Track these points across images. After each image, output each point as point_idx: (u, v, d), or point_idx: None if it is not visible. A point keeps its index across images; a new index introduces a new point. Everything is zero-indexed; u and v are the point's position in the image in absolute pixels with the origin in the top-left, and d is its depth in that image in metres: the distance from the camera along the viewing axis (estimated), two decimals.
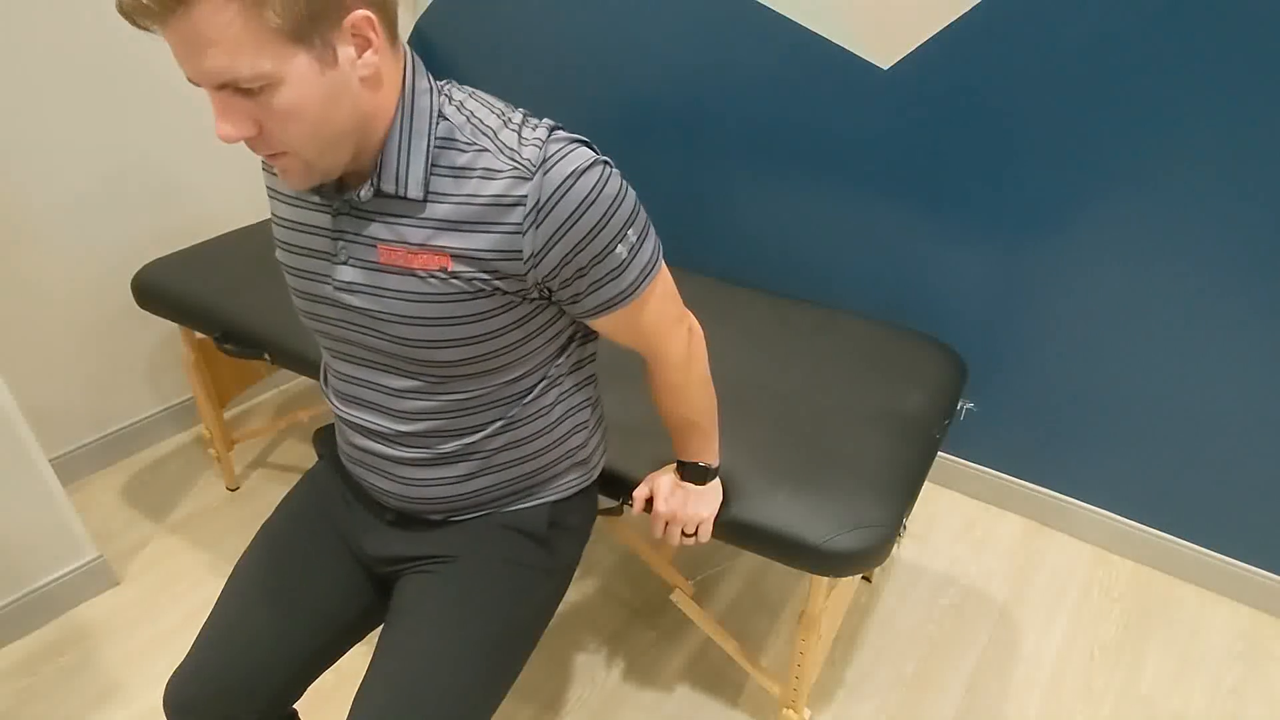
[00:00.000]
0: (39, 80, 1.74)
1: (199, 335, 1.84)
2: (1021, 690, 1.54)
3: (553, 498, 1.05)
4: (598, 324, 0.92)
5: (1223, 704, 1.51)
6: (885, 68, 1.65)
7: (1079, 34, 1.43)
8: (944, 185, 1.69)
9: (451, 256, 0.82)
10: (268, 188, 0.96)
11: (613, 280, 0.86)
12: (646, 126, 2.05)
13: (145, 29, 0.69)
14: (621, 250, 0.84)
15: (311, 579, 1.03)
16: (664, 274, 0.92)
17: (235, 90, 0.71)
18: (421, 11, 2.34)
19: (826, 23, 1.67)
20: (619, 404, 1.32)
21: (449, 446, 0.95)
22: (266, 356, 1.61)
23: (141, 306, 1.77)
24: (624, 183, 0.84)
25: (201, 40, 0.67)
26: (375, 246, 0.84)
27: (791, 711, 1.40)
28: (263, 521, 1.89)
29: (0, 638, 1.63)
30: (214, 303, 1.67)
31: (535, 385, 0.95)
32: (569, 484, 1.06)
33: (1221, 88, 1.36)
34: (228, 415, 2.28)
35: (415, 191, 0.81)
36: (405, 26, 2.38)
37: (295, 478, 2.06)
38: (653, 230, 0.89)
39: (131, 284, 1.77)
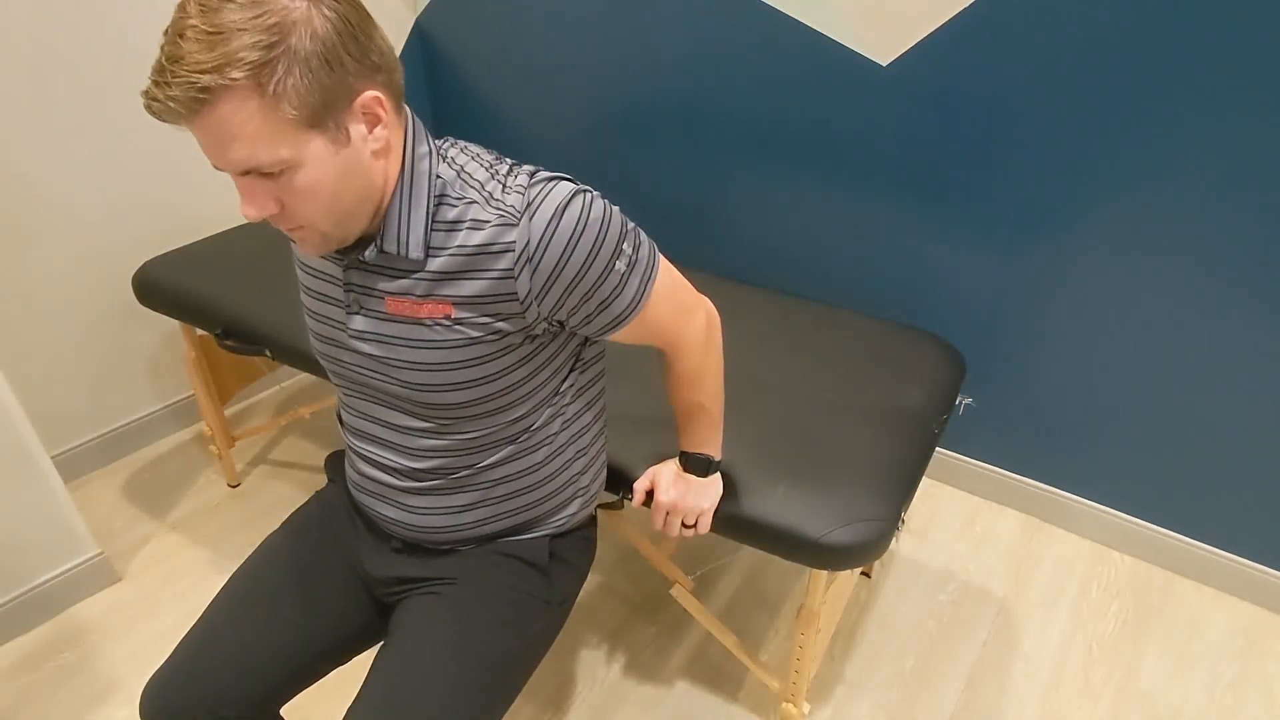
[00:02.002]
0: (40, 79, 1.75)
1: (200, 332, 1.85)
2: (1021, 686, 1.54)
3: (553, 531, 1.07)
4: (616, 337, 0.95)
5: (1221, 699, 1.52)
6: (884, 64, 1.65)
7: (1078, 30, 1.44)
8: (942, 181, 1.69)
9: (453, 304, 0.87)
10: None
11: (619, 295, 0.89)
12: (645, 124, 2.06)
13: (174, 124, 0.73)
14: (621, 265, 0.88)
15: (301, 591, 1.04)
16: (665, 271, 0.94)
17: (258, 175, 0.76)
18: (421, 9, 2.34)
19: (825, 19, 1.67)
20: (621, 399, 1.33)
21: (456, 478, 0.98)
22: (267, 353, 1.61)
23: (142, 304, 1.77)
24: (605, 203, 0.87)
25: (225, 135, 0.72)
26: (383, 299, 0.89)
27: (791, 706, 1.40)
28: (263, 519, 1.91)
29: (1, 635, 1.64)
30: (215, 300, 1.67)
31: (541, 416, 0.98)
32: (570, 515, 1.08)
33: (1222, 85, 1.36)
34: (228, 412, 2.28)
35: (416, 252, 0.85)
36: (405, 24, 2.38)
37: (297, 474, 2.06)
38: (643, 235, 0.92)
39: (132, 281, 1.78)
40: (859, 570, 1.74)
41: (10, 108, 1.72)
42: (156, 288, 1.74)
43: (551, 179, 0.86)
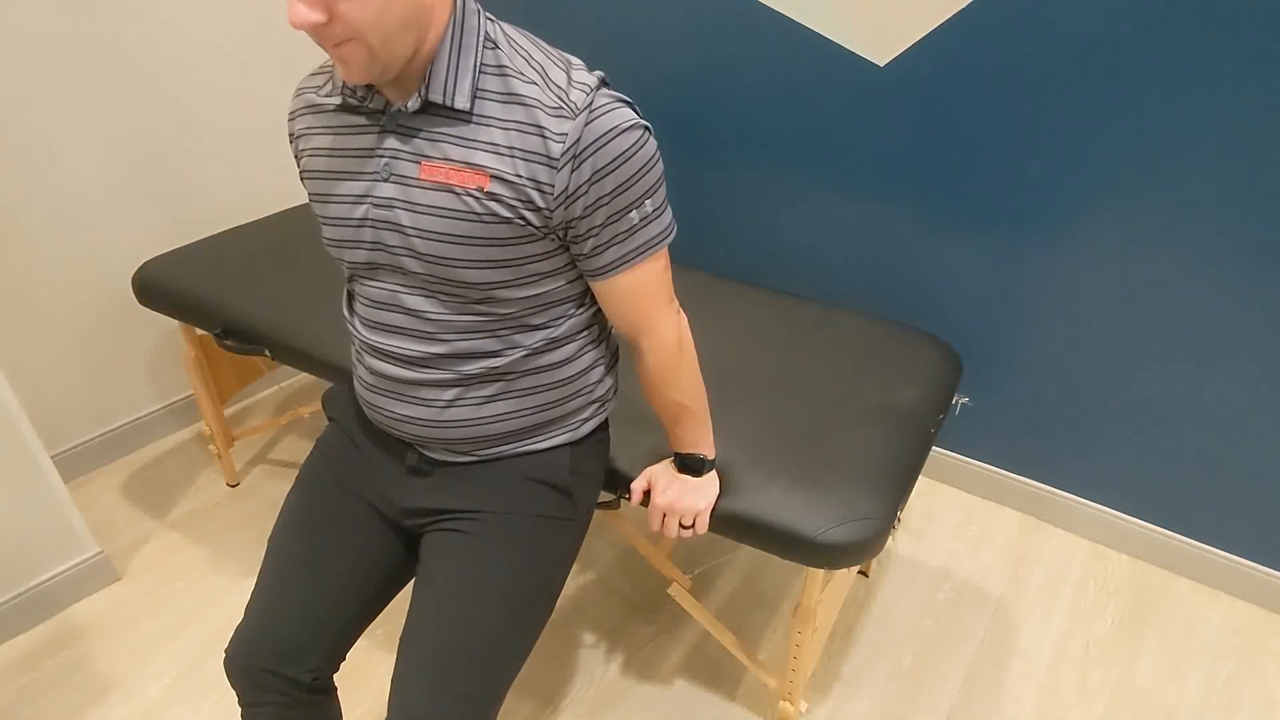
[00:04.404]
0: (40, 78, 1.75)
1: (199, 332, 1.85)
2: (1017, 684, 1.55)
3: (568, 437, 1.07)
4: (600, 285, 0.96)
5: (1217, 697, 1.52)
6: (882, 65, 1.65)
7: (1075, 30, 1.44)
8: (940, 181, 1.70)
9: (490, 177, 0.86)
10: (301, 130, 0.99)
11: (631, 236, 0.91)
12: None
13: None
14: (635, 216, 0.89)
15: (339, 543, 1.06)
16: (666, 254, 0.97)
17: None
18: None
19: (823, 20, 1.68)
20: (618, 398, 1.33)
21: (473, 368, 0.97)
22: (267, 353, 1.62)
23: (142, 303, 1.78)
24: (657, 152, 0.89)
25: None
26: (418, 163, 0.88)
27: (788, 704, 1.40)
28: (262, 518, 1.92)
29: (2, 633, 1.64)
30: (214, 299, 1.68)
31: (559, 319, 0.98)
32: (584, 420, 1.08)
33: (1220, 84, 1.37)
34: (228, 412, 2.29)
35: (463, 102, 0.85)
36: None
37: (296, 474, 2.06)
38: (669, 210, 0.94)
39: (132, 281, 1.78)
40: (856, 569, 1.74)
41: (10, 107, 1.73)
42: (156, 287, 1.75)
43: (619, 99, 0.87)
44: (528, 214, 0.87)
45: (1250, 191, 1.41)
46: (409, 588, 1.19)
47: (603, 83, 0.87)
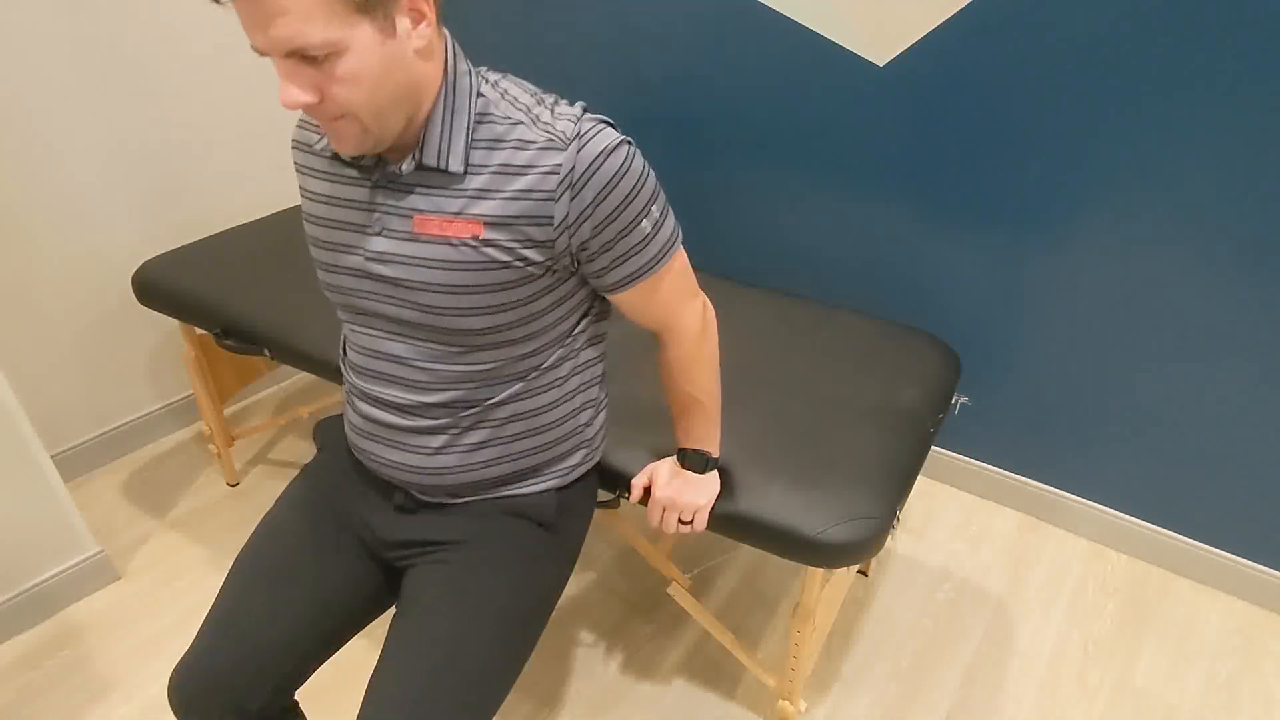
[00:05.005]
0: (40, 77, 1.75)
1: (199, 332, 1.85)
2: (1017, 684, 1.55)
3: (557, 483, 1.07)
4: (620, 298, 0.96)
5: (1216, 697, 1.52)
6: (881, 65, 1.66)
7: (1075, 30, 1.44)
8: (939, 181, 1.70)
9: (484, 224, 0.87)
10: (299, 165, 0.99)
11: (636, 254, 0.91)
12: (643, 123, 2.06)
13: (217, 1, 0.74)
14: (646, 225, 0.90)
15: (313, 565, 1.04)
16: (682, 252, 0.97)
17: (302, 58, 0.76)
18: None
19: (823, 20, 1.68)
20: (619, 397, 1.33)
21: (463, 415, 0.97)
22: (266, 353, 1.62)
23: (142, 303, 1.78)
24: (646, 163, 0.90)
25: (275, 9, 0.72)
26: (411, 217, 0.89)
27: (787, 703, 1.40)
28: (262, 517, 1.91)
29: (1, 632, 1.64)
30: (214, 299, 1.68)
31: (552, 355, 0.98)
32: (574, 466, 1.08)
33: (1220, 84, 1.37)
34: (228, 412, 2.29)
35: (456, 165, 0.86)
36: None
37: (295, 473, 2.07)
38: (671, 212, 0.95)
39: (132, 280, 1.78)
40: (856, 568, 1.74)
41: (11, 107, 1.73)
42: (156, 287, 1.75)
43: (601, 121, 0.88)
44: (527, 252, 0.88)
45: (1250, 191, 1.41)
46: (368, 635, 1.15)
47: (586, 109, 0.89)
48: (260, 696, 0.98)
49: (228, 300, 1.67)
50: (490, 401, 0.97)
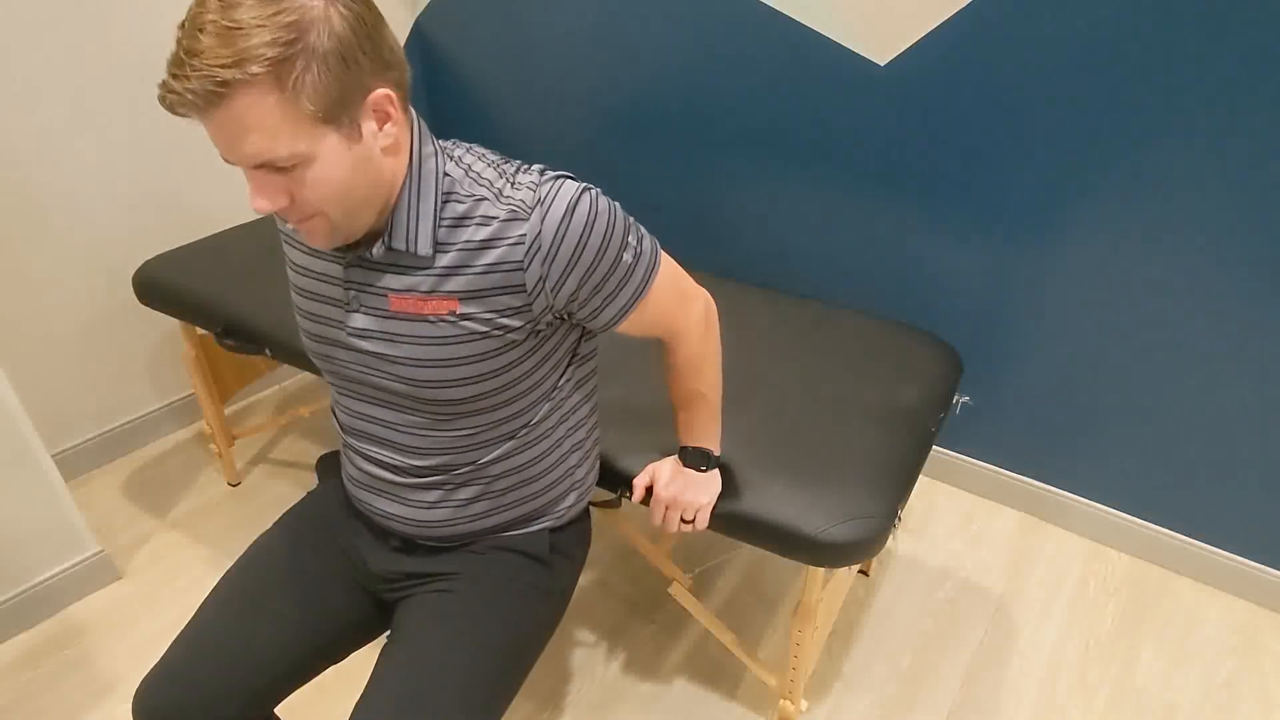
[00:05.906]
0: (41, 77, 1.75)
1: (200, 331, 1.85)
2: (1017, 683, 1.55)
3: (551, 524, 1.08)
4: (622, 328, 0.97)
5: (1216, 697, 1.52)
6: (882, 64, 1.66)
7: (1074, 29, 1.44)
8: (940, 180, 1.70)
9: (459, 299, 0.88)
10: (281, 233, 1.00)
11: (626, 284, 0.92)
12: (644, 123, 2.06)
13: (183, 116, 0.73)
14: (628, 257, 0.91)
15: (294, 589, 1.04)
16: (665, 262, 0.97)
17: (271, 169, 0.77)
18: (421, 9, 2.35)
19: (823, 19, 1.68)
20: (617, 396, 1.33)
21: (455, 474, 0.99)
22: (267, 352, 1.62)
23: (143, 303, 1.78)
24: (608, 199, 0.90)
25: (241, 127, 0.73)
26: (386, 296, 0.89)
27: (788, 703, 1.41)
28: (262, 518, 1.92)
29: (2, 632, 1.64)
30: (215, 299, 1.68)
31: (540, 411, 0.99)
32: (568, 507, 1.10)
33: (1219, 83, 1.37)
34: (228, 411, 2.29)
35: (425, 248, 0.86)
36: (404, 24, 2.39)
37: (296, 473, 2.07)
38: (643, 229, 0.95)
39: (133, 280, 1.78)
40: (857, 568, 1.75)
41: (11, 107, 1.73)
42: (156, 287, 1.75)
43: (558, 177, 0.88)
44: (505, 320, 0.88)
45: (1250, 192, 1.41)
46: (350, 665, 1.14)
47: (543, 171, 0.89)
48: (227, 713, 0.97)
49: (228, 300, 1.67)
50: (481, 461, 0.98)
